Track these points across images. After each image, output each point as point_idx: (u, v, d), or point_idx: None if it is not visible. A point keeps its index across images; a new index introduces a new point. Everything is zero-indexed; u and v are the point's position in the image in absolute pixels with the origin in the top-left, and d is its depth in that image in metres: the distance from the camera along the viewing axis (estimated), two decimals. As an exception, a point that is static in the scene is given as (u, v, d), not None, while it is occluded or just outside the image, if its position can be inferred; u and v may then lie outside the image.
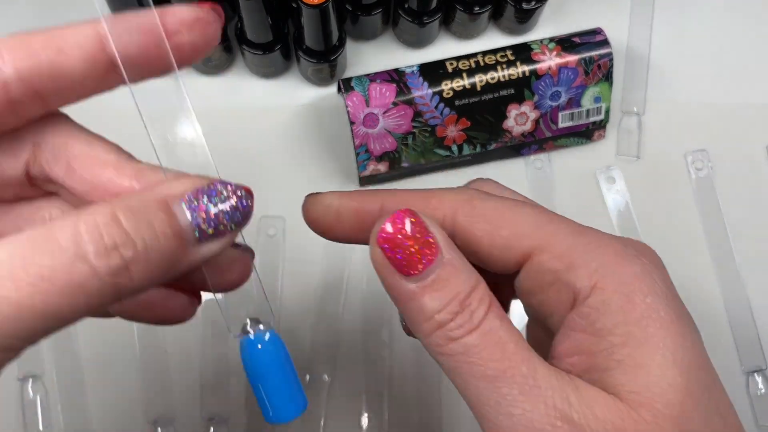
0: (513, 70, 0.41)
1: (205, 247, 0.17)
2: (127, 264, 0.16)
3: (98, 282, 0.15)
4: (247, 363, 0.21)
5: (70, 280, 0.15)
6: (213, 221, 0.17)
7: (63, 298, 0.15)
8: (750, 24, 0.49)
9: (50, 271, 0.15)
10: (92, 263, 0.15)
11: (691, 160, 0.45)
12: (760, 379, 0.41)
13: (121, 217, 0.16)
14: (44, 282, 0.15)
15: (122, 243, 0.16)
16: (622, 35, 0.48)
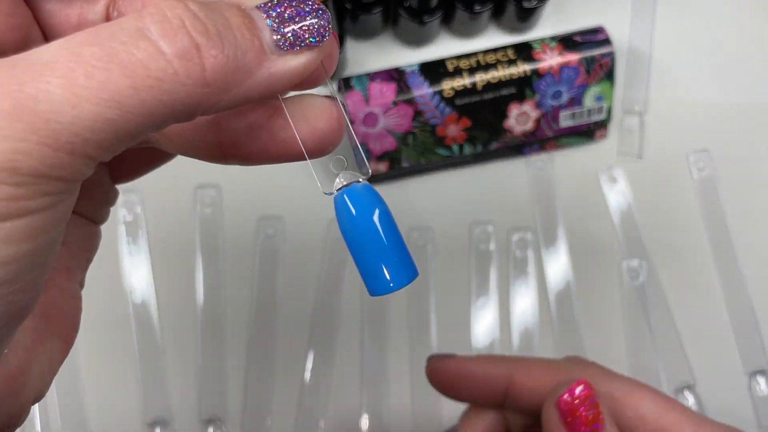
0: (514, 69, 0.41)
1: (285, 58, 0.15)
2: (197, 44, 0.13)
3: (164, 64, 0.13)
4: (342, 224, 0.18)
5: (132, 59, 0.13)
6: (293, 31, 0.15)
7: (124, 78, 0.13)
8: (753, 22, 0.48)
9: (106, 51, 0.13)
10: (156, 41, 0.13)
11: (694, 159, 0.45)
12: (763, 380, 0.41)
13: (191, 4, 0.14)
14: (99, 60, 0.13)
15: (191, 24, 0.14)
16: (623, 34, 0.47)
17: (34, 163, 0.12)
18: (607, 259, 0.43)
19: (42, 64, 0.12)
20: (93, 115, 0.12)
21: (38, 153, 0.12)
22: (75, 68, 0.12)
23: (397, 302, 0.42)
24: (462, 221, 0.43)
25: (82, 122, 0.12)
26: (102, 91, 0.12)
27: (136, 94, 0.13)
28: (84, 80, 0.12)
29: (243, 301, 0.41)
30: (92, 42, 0.13)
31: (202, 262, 0.42)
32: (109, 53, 0.13)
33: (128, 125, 0.13)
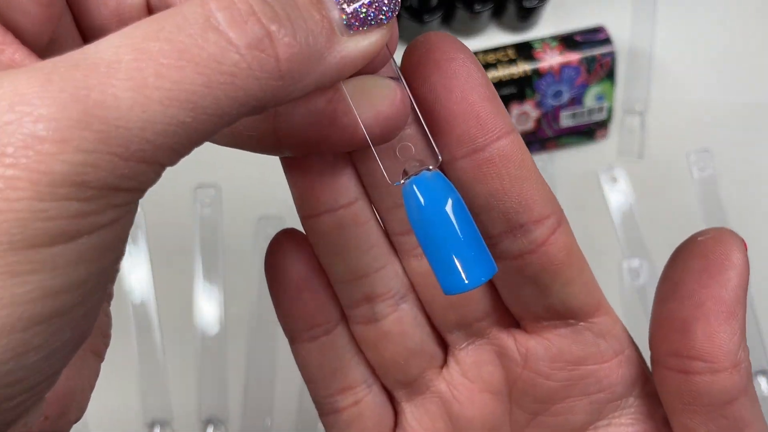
0: (514, 69, 0.41)
1: (354, 39, 0.14)
2: (269, 32, 0.12)
3: (237, 57, 0.12)
4: (411, 216, 0.16)
5: (203, 54, 0.11)
6: (359, 10, 0.14)
7: (197, 77, 0.11)
8: (754, 22, 0.48)
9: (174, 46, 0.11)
10: (225, 31, 0.12)
11: (694, 159, 0.45)
12: (764, 380, 0.41)
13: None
14: (167, 58, 0.11)
15: (260, 8, 0.12)
16: (624, 33, 0.47)
17: (104, 174, 0.11)
18: (608, 259, 0.43)
19: (106, 65, 0.11)
20: (166, 119, 0.11)
21: (108, 164, 0.11)
22: (143, 68, 0.11)
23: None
24: (462, 221, 0.43)
25: (154, 127, 0.11)
26: (175, 92, 0.11)
27: (210, 93, 0.11)
28: (154, 81, 0.11)
29: (243, 301, 0.41)
30: (157, 36, 0.11)
31: (201, 262, 0.42)
32: (178, 48, 0.11)
33: (202, 126, 0.12)
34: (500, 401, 0.21)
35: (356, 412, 0.21)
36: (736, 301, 0.17)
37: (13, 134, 0.10)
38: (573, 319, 0.19)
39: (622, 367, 0.20)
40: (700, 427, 0.18)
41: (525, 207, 0.17)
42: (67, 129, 0.10)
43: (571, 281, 0.18)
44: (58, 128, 0.10)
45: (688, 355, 0.17)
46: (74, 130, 0.10)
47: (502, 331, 0.20)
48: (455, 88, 0.17)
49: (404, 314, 0.20)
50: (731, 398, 0.17)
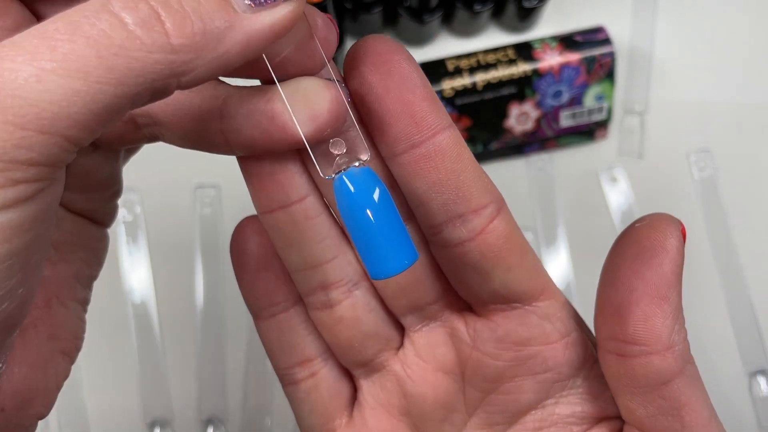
0: (514, 69, 0.41)
1: (259, 16, 0.14)
2: (156, 12, 0.13)
3: (126, 33, 0.13)
4: (341, 206, 0.17)
5: (92, 31, 0.12)
6: None
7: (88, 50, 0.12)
8: (754, 21, 0.48)
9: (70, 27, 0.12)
10: (117, 12, 0.13)
11: (695, 159, 0.45)
12: (763, 380, 0.41)
13: None
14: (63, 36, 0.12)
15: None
16: (624, 33, 0.47)
17: (1, 145, 0.12)
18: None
19: (9, 45, 0.12)
20: (60, 88, 0.12)
21: (5, 133, 0.12)
22: (40, 44, 0.12)
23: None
24: (462, 221, 0.43)
25: (50, 96, 0.12)
26: (67, 62, 0.12)
27: (102, 63, 0.12)
28: (49, 54, 0.12)
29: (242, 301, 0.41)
30: (57, 19, 0.12)
31: (201, 262, 0.42)
32: (73, 27, 0.12)
33: (100, 97, 0.12)
34: (453, 380, 0.21)
35: (313, 383, 0.22)
36: (668, 285, 0.18)
37: None
38: (517, 303, 0.20)
39: (568, 349, 0.20)
40: (639, 408, 0.19)
41: (462, 198, 0.18)
42: None
43: (512, 267, 0.19)
44: None
45: (624, 339, 0.18)
46: None
47: (454, 314, 0.21)
48: (392, 87, 0.18)
49: (357, 300, 0.21)
50: (666, 380, 0.18)
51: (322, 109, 0.17)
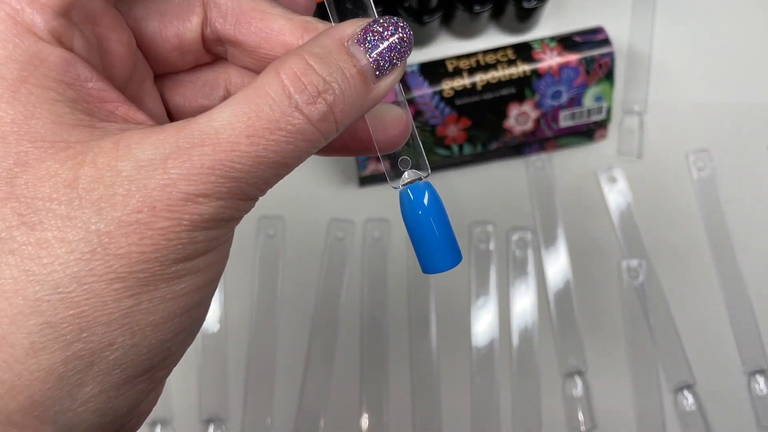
0: (514, 69, 0.41)
1: (382, 82, 0.19)
2: (330, 107, 0.17)
3: (312, 127, 0.17)
4: (404, 214, 0.21)
5: (293, 129, 0.17)
6: (384, 55, 0.18)
7: (288, 145, 0.17)
8: (752, 23, 0.48)
9: (275, 125, 0.16)
10: (305, 111, 0.17)
11: (693, 159, 0.45)
12: (762, 379, 0.41)
13: (314, 63, 0.17)
14: (273, 134, 0.16)
15: (323, 89, 0.17)
16: (623, 34, 0.47)
17: (231, 212, 0.17)
18: (607, 258, 0.43)
19: (228, 141, 0.16)
20: (270, 176, 0.17)
21: (235, 206, 0.17)
22: (256, 143, 0.16)
23: (396, 301, 0.42)
24: (462, 221, 0.43)
25: (263, 181, 0.17)
26: (277, 158, 0.17)
27: (296, 154, 0.17)
28: (264, 152, 0.16)
29: (243, 300, 0.42)
30: (258, 116, 0.16)
31: (202, 261, 0.42)
32: (277, 126, 0.16)
33: (286, 173, 0.17)
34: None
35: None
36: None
37: (173, 191, 0.15)
38: None
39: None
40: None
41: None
42: (210, 187, 0.16)
43: None
44: (206, 188, 0.16)
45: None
46: (214, 187, 0.16)
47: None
48: None
49: None
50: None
51: (394, 130, 0.21)
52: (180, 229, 0.16)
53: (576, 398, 0.40)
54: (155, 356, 0.16)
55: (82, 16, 0.17)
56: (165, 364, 0.17)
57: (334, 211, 0.43)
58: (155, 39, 0.20)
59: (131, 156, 0.15)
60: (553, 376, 0.41)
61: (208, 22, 0.20)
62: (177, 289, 0.16)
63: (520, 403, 0.40)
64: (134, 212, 0.15)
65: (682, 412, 0.40)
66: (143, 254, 0.15)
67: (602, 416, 0.40)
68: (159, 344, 0.16)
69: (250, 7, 0.20)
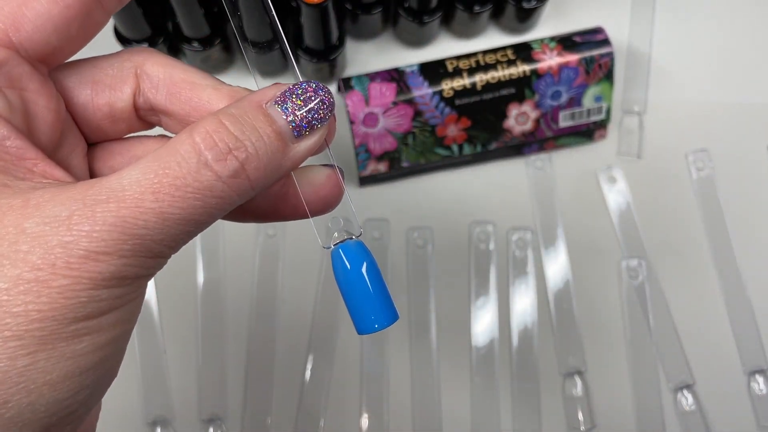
0: (513, 70, 0.41)
1: (302, 143, 0.19)
2: (242, 164, 0.17)
3: (221, 184, 0.17)
4: (336, 273, 0.21)
5: (200, 186, 0.17)
6: (304, 117, 0.19)
7: (196, 202, 0.17)
8: (752, 23, 0.48)
9: (182, 181, 0.16)
10: (214, 168, 0.17)
11: (693, 159, 0.45)
12: (761, 379, 0.41)
13: (227, 123, 0.18)
14: (179, 191, 0.16)
15: (234, 147, 0.17)
16: (623, 34, 0.47)
17: (136, 270, 0.17)
18: (607, 258, 0.43)
19: (134, 198, 0.16)
20: (178, 232, 0.17)
21: (140, 263, 0.17)
22: (161, 199, 0.16)
23: (396, 301, 0.42)
24: (461, 221, 0.43)
25: (170, 238, 0.17)
26: (183, 215, 0.17)
27: (206, 211, 0.17)
28: (170, 210, 0.16)
29: (243, 300, 0.42)
30: (165, 173, 0.16)
31: (202, 261, 0.42)
32: (183, 183, 0.16)
33: (198, 230, 0.18)
34: None
35: None
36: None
37: (74, 249, 0.15)
38: None
39: None
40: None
41: None
42: (112, 245, 0.16)
43: None
44: (107, 245, 0.16)
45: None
46: (116, 244, 0.16)
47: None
48: None
49: None
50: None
51: (324, 191, 0.21)
52: (79, 287, 0.15)
53: (575, 398, 0.40)
54: (53, 415, 0.16)
55: (5, 80, 0.18)
56: (67, 422, 0.17)
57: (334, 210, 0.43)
58: (87, 107, 0.20)
59: (38, 213, 0.16)
60: (553, 375, 0.41)
61: (140, 92, 0.20)
62: (77, 348, 0.16)
63: (519, 402, 0.40)
64: (34, 269, 0.15)
65: (682, 412, 0.40)
66: (41, 312, 0.15)
67: (602, 416, 0.40)
68: (56, 403, 0.16)
69: (180, 78, 0.20)
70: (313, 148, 0.19)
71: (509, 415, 0.40)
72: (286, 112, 0.19)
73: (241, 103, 0.18)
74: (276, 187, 0.21)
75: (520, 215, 0.44)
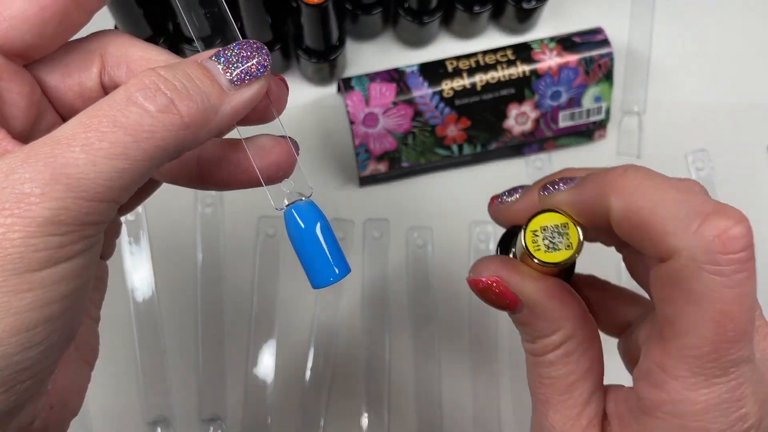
0: (513, 70, 0.41)
1: (239, 92, 0.19)
2: (171, 100, 0.18)
3: (152, 119, 0.17)
4: (290, 232, 0.22)
5: (128, 121, 0.17)
6: (240, 70, 0.19)
7: (126, 137, 0.17)
8: (750, 23, 0.49)
9: (110, 118, 0.17)
10: (142, 103, 0.17)
11: (692, 159, 0.45)
12: (761, 379, 0.41)
13: (161, 71, 0.18)
14: (106, 126, 0.17)
15: (164, 85, 0.18)
16: (622, 35, 0.48)
17: (74, 214, 0.16)
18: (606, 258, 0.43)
19: (65, 138, 0.16)
20: (110, 168, 0.16)
21: (76, 205, 0.16)
22: (90, 136, 0.16)
23: (397, 301, 0.42)
24: (461, 221, 0.43)
25: (104, 175, 0.16)
26: (113, 149, 0.16)
27: (137, 146, 0.17)
28: (98, 144, 0.16)
29: (243, 300, 0.42)
30: (96, 113, 0.17)
31: (202, 261, 0.42)
32: (111, 119, 0.17)
33: (138, 169, 0.17)
34: None
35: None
36: None
37: (9, 194, 0.15)
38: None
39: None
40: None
41: None
42: (44, 185, 0.16)
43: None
44: (38, 186, 0.16)
45: None
46: (49, 185, 0.16)
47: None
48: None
49: None
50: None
51: (275, 158, 0.22)
52: (14, 235, 0.15)
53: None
54: (5, 369, 0.16)
55: None
56: (22, 378, 0.17)
57: (334, 211, 0.43)
58: (59, 88, 0.21)
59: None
60: (553, 375, 0.41)
61: (105, 71, 0.21)
62: (20, 305, 0.16)
63: (521, 402, 0.40)
64: None
65: (681, 412, 0.40)
66: None
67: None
68: (6, 357, 0.16)
69: (138, 56, 0.21)
70: (251, 99, 0.20)
71: (510, 414, 0.40)
72: (221, 63, 0.19)
73: (180, 60, 0.19)
74: (229, 153, 0.22)
75: (520, 215, 0.44)
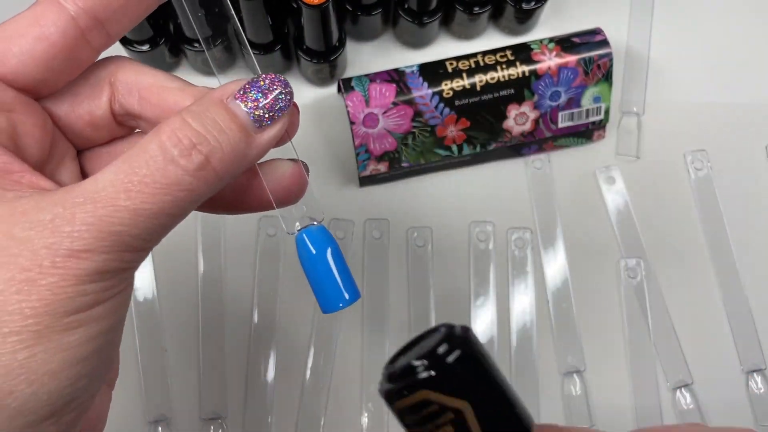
0: (513, 70, 0.41)
1: (265, 133, 0.20)
2: (207, 157, 0.19)
3: (189, 178, 0.18)
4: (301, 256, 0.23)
5: (168, 181, 0.18)
6: (265, 109, 0.20)
7: (166, 197, 0.18)
8: (749, 24, 0.49)
9: (151, 178, 0.18)
10: (180, 163, 0.18)
11: (691, 159, 0.45)
12: (760, 378, 0.41)
13: (190, 120, 0.19)
14: (148, 188, 0.18)
15: (198, 141, 0.19)
16: (621, 35, 0.48)
17: (117, 264, 0.18)
18: (605, 258, 0.43)
19: (108, 200, 0.17)
20: (151, 225, 0.18)
21: (119, 258, 0.18)
22: (134, 197, 0.18)
23: (397, 301, 0.42)
24: (461, 221, 0.44)
25: (146, 232, 0.18)
26: (155, 209, 0.18)
27: (176, 204, 0.18)
28: (142, 204, 0.18)
29: (243, 300, 0.42)
30: (135, 173, 0.18)
31: (203, 261, 0.42)
32: (152, 179, 0.18)
33: (175, 221, 0.19)
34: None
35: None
36: None
37: (58, 249, 0.17)
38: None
39: None
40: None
41: None
42: (92, 243, 0.17)
43: None
44: (86, 243, 0.17)
45: None
46: (95, 242, 0.17)
47: None
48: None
49: None
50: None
51: (287, 183, 0.22)
52: (66, 283, 0.17)
53: (574, 397, 0.40)
54: (55, 402, 0.17)
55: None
56: (70, 409, 0.18)
57: (334, 211, 0.43)
58: (69, 118, 0.22)
59: (24, 219, 0.17)
60: (552, 374, 0.41)
61: (115, 100, 0.22)
62: (71, 340, 0.17)
63: (519, 401, 0.40)
64: (24, 271, 0.17)
65: (680, 411, 0.40)
66: (33, 309, 0.17)
67: (600, 415, 0.40)
68: (57, 391, 0.17)
69: (149, 83, 0.22)
70: (276, 138, 0.20)
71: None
72: (246, 105, 0.20)
73: (203, 100, 0.20)
74: (242, 180, 0.22)
75: (520, 215, 0.44)
